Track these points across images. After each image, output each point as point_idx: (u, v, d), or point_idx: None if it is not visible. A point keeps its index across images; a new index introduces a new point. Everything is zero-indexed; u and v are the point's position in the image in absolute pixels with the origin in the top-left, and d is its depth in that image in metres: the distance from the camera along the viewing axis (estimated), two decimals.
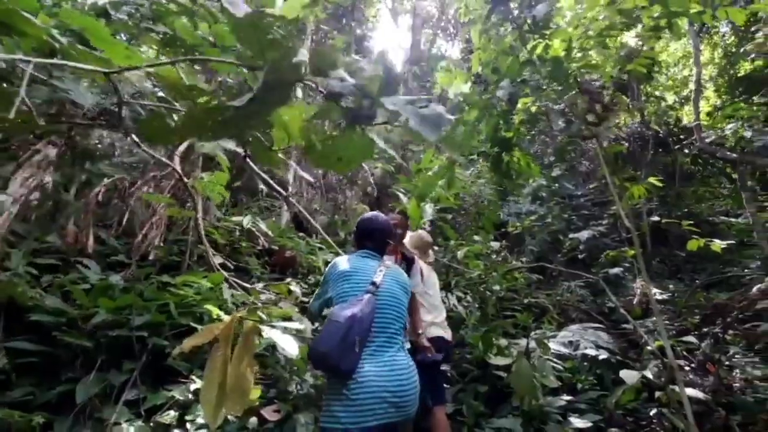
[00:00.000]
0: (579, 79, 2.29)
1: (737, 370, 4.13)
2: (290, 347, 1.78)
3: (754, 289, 4.13)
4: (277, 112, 1.08)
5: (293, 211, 6.05)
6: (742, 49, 7.18)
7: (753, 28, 5.61)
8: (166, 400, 2.09)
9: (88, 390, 1.97)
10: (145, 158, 4.02)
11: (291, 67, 0.82)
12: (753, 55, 5.77)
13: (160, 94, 2.46)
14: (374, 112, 0.85)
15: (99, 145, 4.33)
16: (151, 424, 1.92)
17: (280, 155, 1.60)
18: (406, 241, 3.08)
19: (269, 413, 2.29)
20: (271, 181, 4.44)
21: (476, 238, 4.55)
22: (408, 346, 2.19)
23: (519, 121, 2.88)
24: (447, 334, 2.82)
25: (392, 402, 1.72)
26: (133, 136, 2.52)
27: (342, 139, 1.05)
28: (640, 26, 2.82)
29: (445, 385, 2.97)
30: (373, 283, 1.89)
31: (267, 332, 1.76)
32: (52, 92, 2.20)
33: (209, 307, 2.28)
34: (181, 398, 2.13)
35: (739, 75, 8.06)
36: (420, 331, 2.40)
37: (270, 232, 4.64)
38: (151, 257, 3.62)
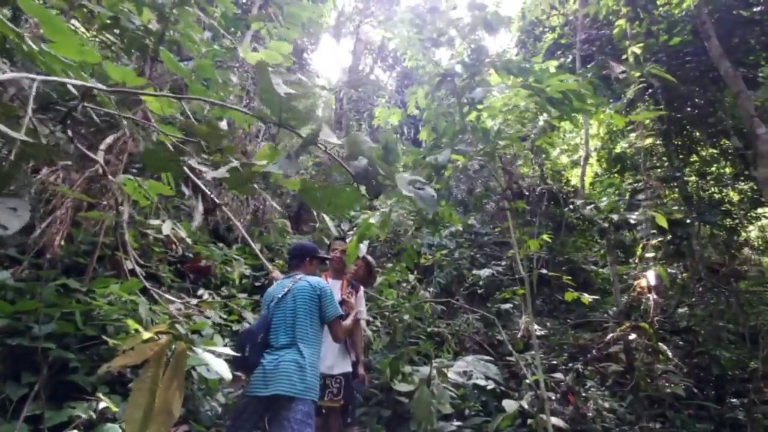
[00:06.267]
0: (501, 158, 2.73)
1: (591, 402, 4.95)
2: (223, 371, 1.84)
3: (609, 335, 5.01)
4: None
5: (214, 218, 5.84)
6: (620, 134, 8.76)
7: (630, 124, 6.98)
8: (69, 418, 1.97)
9: None
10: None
11: (314, 137, 1.02)
12: (626, 145, 7.11)
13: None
14: (384, 188, 1.07)
15: None
16: None
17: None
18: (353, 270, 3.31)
19: None
20: (204, 188, 4.33)
21: (397, 269, 4.87)
22: (349, 369, 2.83)
23: (448, 174, 3.27)
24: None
25: (264, 382, 2.23)
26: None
27: (337, 189, 1.24)
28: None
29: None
30: (275, 299, 2.43)
31: (200, 354, 1.80)
32: None
33: (129, 321, 2.20)
34: (84, 416, 2.02)
35: (616, 152, 9.71)
36: (360, 359, 2.74)
37: (188, 239, 4.45)
38: (49, 255, 3.29)
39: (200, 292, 4.40)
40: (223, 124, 4.97)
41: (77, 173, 3.70)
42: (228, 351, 2.10)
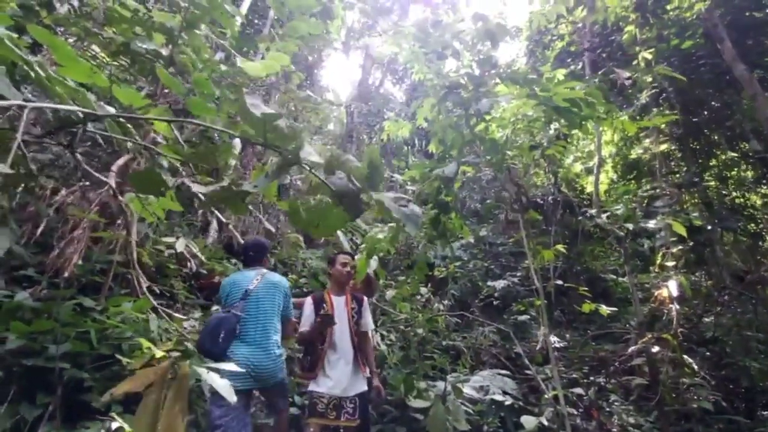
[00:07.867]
0: (509, 169, 2.71)
1: (615, 417, 4.77)
2: (228, 392, 1.82)
3: (631, 348, 4.85)
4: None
5: (228, 234, 5.90)
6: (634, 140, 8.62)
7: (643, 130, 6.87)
8: None
9: None
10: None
11: (294, 156, 1.02)
12: (641, 151, 6.98)
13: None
14: (363, 207, 1.06)
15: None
16: None
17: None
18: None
19: None
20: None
21: (408, 281, 4.82)
22: (363, 388, 2.84)
23: (457, 186, 3.24)
24: None
25: (252, 375, 2.34)
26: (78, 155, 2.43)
27: (323, 210, 1.23)
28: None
29: None
30: (246, 290, 2.53)
31: (203, 376, 1.78)
32: None
33: (142, 340, 2.21)
34: None
35: (631, 158, 9.53)
36: (374, 371, 2.85)
37: (202, 256, 4.50)
38: (66, 275, 3.35)
39: (214, 308, 4.42)
40: (236, 142, 5.06)
41: (93, 194, 3.80)
42: (234, 367, 2.07)
